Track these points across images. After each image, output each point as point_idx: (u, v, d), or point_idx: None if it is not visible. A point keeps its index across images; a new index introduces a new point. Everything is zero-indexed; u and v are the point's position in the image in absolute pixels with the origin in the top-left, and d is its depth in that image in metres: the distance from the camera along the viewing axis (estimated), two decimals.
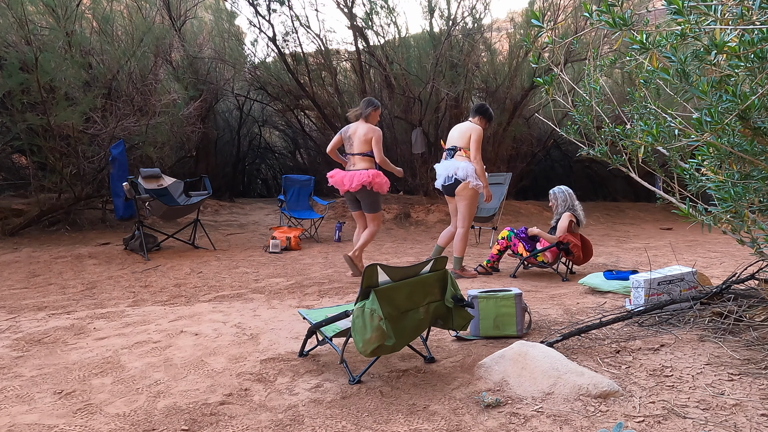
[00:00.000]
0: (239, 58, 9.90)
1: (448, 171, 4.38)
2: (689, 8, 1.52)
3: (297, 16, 9.16)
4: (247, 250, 5.92)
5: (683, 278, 3.00)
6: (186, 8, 8.90)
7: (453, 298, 2.24)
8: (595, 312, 3.09)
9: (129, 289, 4.12)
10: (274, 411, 1.93)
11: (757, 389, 1.90)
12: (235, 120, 11.81)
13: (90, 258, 5.27)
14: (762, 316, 2.48)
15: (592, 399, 1.89)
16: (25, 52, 5.88)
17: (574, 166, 12.35)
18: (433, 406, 1.92)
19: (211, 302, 3.70)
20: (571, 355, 2.33)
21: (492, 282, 4.25)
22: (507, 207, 8.81)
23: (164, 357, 2.54)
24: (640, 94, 2.42)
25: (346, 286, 4.13)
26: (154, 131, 6.92)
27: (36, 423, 1.87)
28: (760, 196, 1.93)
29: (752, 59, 1.57)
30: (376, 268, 2.03)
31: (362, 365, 2.34)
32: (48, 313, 3.44)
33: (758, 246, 2.20)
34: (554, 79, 2.59)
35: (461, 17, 8.96)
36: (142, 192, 5.52)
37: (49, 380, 2.27)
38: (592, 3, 7.78)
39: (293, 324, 3.06)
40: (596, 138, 2.75)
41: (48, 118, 5.96)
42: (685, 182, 2.31)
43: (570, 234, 4.30)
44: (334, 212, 8.64)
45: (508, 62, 9.50)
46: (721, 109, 1.75)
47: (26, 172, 7.20)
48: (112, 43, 6.94)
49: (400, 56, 9.01)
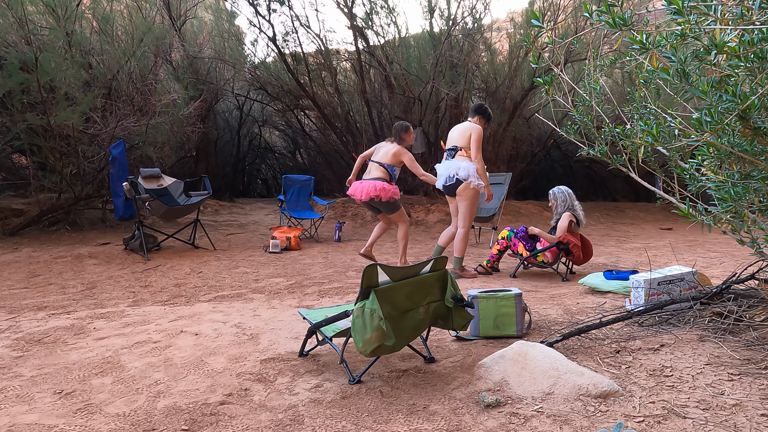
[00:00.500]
0: (239, 58, 9.90)
1: (450, 171, 4.39)
2: (689, 8, 1.52)
3: (297, 16, 9.16)
4: (247, 250, 5.92)
5: (683, 278, 3.00)
6: (186, 8, 8.90)
7: (453, 298, 2.24)
8: (595, 312, 3.09)
9: (129, 289, 4.12)
10: (274, 411, 1.93)
11: (757, 389, 1.90)
12: (235, 120, 11.81)
13: (90, 258, 5.27)
14: (762, 316, 2.48)
15: (592, 399, 1.89)
16: (25, 52, 5.89)
17: (574, 166, 12.35)
18: (433, 406, 1.92)
19: (211, 302, 3.70)
20: (571, 355, 2.33)
21: (492, 282, 4.25)
22: (507, 207, 8.82)
23: (164, 357, 2.54)
24: (640, 94, 2.42)
25: (346, 286, 4.13)
26: (154, 131, 6.92)
27: (36, 423, 1.87)
28: (760, 196, 1.93)
29: (752, 59, 1.57)
30: (376, 268, 2.03)
31: (362, 365, 2.34)
32: (48, 313, 3.44)
33: (758, 246, 2.20)
34: (554, 79, 2.59)
35: (461, 17, 8.97)
36: (142, 192, 5.52)
37: (49, 380, 2.27)
38: (592, 3, 7.78)
39: (293, 324, 3.06)
40: (596, 138, 2.75)
41: (48, 118, 5.96)
42: (685, 182, 2.31)
43: (570, 234, 4.30)
44: (334, 212, 8.64)
45: (508, 62, 9.50)
46: (721, 109, 1.75)
47: (26, 172, 7.20)
48: (112, 43, 6.94)
49: (400, 56, 9.01)
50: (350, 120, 9.87)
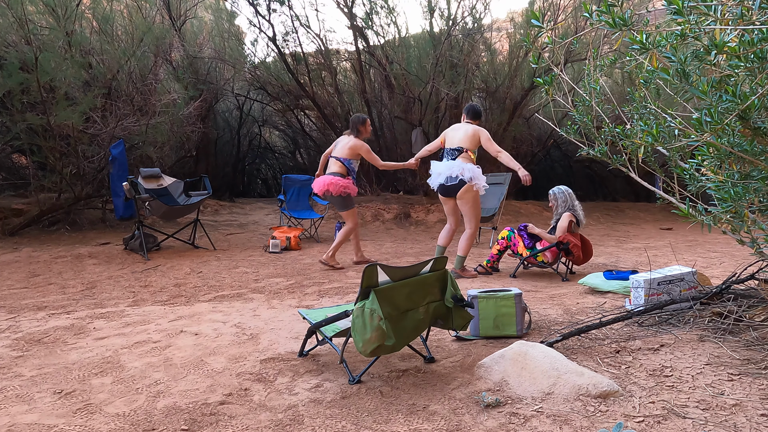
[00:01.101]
0: (239, 58, 9.90)
1: (452, 171, 4.31)
2: (689, 8, 1.52)
3: (297, 16, 9.17)
4: (247, 250, 5.92)
5: (683, 278, 3.00)
6: (186, 8, 8.90)
7: (453, 298, 2.24)
8: (595, 312, 3.09)
9: (129, 289, 4.12)
10: (274, 411, 1.93)
11: (757, 389, 1.90)
12: (235, 120, 11.81)
13: (90, 258, 5.27)
14: (762, 316, 2.48)
15: (592, 399, 1.88)
16: (25, 51, 5.88)
17: (574, 166, 12.35)
18: (432, 406, 1.92)
19: (211, 302, 3.70)
20: (571, 355, 2.33)
21: (492, 282, 4.25)
22: (507, 207, 8.81)
23: (164, 357, 2.54)
24: (640, 94, 2.42)
25: (346, 286, 4.13)
26: (154, 131, 6.92)
27: (36, 423, 1.87)
28: (760, 196, 1.93)
29: (752, 59, 1.57)
30: (376, 268, 2.03)
31: (362, 365, 2.34)
32: (48, 312, 3.44)
33: (758, 246, 2.20)
34: (554, 79, 2.59)
35: (461, 17, 8.97)
36: (142, 192, 5.52)
37: (49, 380, 2.27)
38: (592, 3, 7.78)
39: (293, 324, 3.06)
40: (596, 138, 2.75)
41: (48, 117, 5.96)
42: (685, 182, 2.31)
43: (570, 234, 4.30)
44: (334, 212, 8.64)
45: (508, 62, 9.50)
46: (721, 109, 1.75)
47: (26, 172, 7.20)
48: (112, 43, 6.94)
49: (400, 56, 9.01)
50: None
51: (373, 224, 8.19)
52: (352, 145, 4.75)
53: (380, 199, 9.27)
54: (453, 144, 4.44)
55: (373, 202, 9.02)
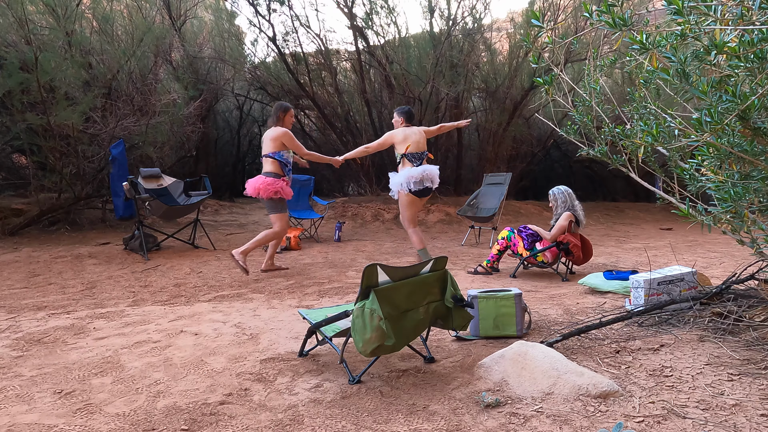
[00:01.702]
0: (239, 58, 9.91)
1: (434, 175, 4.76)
2: (689, 8, 1.52)
3: (297, 16, 9.18)
4: None
5: (683, 278, 3.00)
6: (186, 8, 8.90)
7: (453, 298, 2.24)
8: (595, 312, 3.09)
9: (129, 289, 4.12)
10: (274, 411, 1.93)
11: (757, 389, 1.90)
12: (235, 120, 11.81)
13: (90, 258, 5.27)
14: (762, 317, 2.48)
15: (591, 399, 1.89)
16: (25, 51, 5.88)
17: (574, 166, 12.35)
18: (432, 406, 1.92)
19: (211, 302, 3.70)
20: (571, 355, 2.33)
21: (492, 282, 4.25)
22: (507, 207, 8.81)
23: (164, 357, 2.54)
24: (640, 94, 2.42)
25: (346, 286, 4.13)
26: (154, 131, 6.92)
27: (36, 423, 1.87)
28: (760, 196, 1.93)
29: (752, 59, 1.58)
30: (376, 268, 2.03)
31: (362, 365, 2.34)
32: (48, 312, 3.44)
33: (758, 246, 2.20)
34: (554, 79, 2.59)
35: (461, 17, 8.97)
36: (142, 192, 5.52)
37: (49, 380, 2.27)
38: (592, 3, 7.78)
39: (293, 324, 3.06)
40: (596, 138, 2.75)
41: (48, 117, 5.96)
42: (685, 182, 2.31)
43: (570, 234, 4.30)
44: (334, 212, 8.64)
45: (508, 62, 9.50)
46: (721, 109, 1.75)
47: (26, 172, 7.20)
48: (112, 43, 6.94)
49: (400, 56, 9.01)
50: (350, 120, 9.87)
51: (373, 224, 8.19)
52: (273, 136, 4.42)
53: (380, 199, 9.27)
54: (420, 149, 4.83)
55: (373, 202, 9.02)
